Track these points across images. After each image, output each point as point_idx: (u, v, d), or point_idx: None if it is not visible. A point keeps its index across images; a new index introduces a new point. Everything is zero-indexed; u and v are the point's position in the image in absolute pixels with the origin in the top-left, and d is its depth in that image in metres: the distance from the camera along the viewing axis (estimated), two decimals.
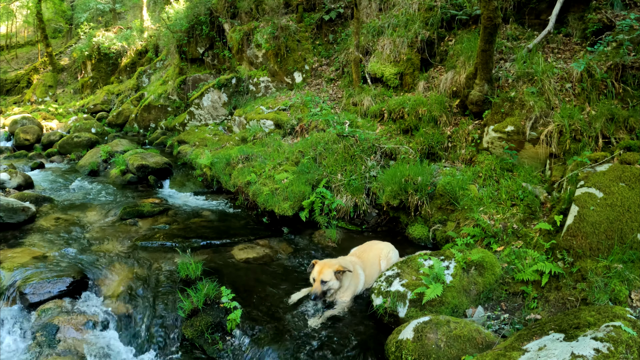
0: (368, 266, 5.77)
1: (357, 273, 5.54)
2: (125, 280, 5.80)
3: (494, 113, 7.72)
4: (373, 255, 5.98)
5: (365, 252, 6.03)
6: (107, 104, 20.99)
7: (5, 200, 7.60)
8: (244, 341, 4.65)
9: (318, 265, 5.25)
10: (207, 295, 5.12)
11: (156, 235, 7.34)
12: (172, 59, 18.67)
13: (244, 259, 6.63)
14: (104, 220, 8.17)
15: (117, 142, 14.07)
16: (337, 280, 5.15)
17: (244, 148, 10.72)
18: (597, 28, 8.10)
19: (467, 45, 9.29)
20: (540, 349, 3.19)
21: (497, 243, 6.09)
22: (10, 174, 10.38)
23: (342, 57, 12.73)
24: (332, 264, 5.22)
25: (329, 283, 5.09)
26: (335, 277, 5.13)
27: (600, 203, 5.13)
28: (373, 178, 8.18)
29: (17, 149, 15.70)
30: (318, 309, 5.21)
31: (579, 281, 4.80)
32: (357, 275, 5.53)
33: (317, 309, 5.20)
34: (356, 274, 5.52)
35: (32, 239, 7.11)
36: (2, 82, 27.24)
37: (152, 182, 11.21)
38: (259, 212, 8.60)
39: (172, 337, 4.85)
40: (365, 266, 5.74)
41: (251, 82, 14.47)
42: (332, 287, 5.15)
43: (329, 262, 5.31)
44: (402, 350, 4.04)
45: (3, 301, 5.33)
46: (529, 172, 7.08)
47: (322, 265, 5.21)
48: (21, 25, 37.29)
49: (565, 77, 7.51)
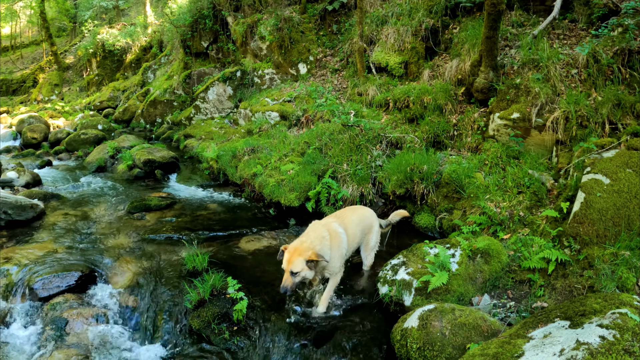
0: (350, 227, 5.31)
1: (336, 233, 5.05)
2: (133, 273, 5.85)
3: (500, 100, 7.66)
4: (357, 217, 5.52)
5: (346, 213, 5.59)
6: (113, 101, 21.02)
7: (13, 198, 7.65)
8: (250, 331, 4.67)
9: (287, 252, 4.62)
10: (213, 286, 5.15)
11: (163, 228, 7.38)
12: (177, 53, 18.66)
13: (251, 250, 6.65)
14: (111, 215, 8.21)
15: (124, 137, 14.13)
16: (310, 270, 4.58)
17: (249, 140, 10.73)
18: (602, 13, 8.00)
19: (471, 33, 9.22)
20: (545, 337, 3.18)
21: (504, 231, 6.07)
22: (19, 172, 10.45)
23: (346, 47, 12.67)
24: (304, 250, 4.56)
25: (301, 274, 4.51)
26: (307, 266, 4.53)
27: (606, 189, 5.09)
28: (379, 167, 8.16)
29: (25, 148, 15.80)
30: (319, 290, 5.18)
31: (585, 268, 4.77)
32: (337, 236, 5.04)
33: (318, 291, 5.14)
34: (336, 234, 5.03)
35: (41, 235, 7.16)
36: (9, 82, 27.39)
37: (159, 176, 11.25)
38: (265, 203, 8.62)
39: (179, 328, 4.89)
40: (347, 226, 5.27)
41: (256, 74, 14.44)
42: (305, 278, 4.61)
43: (300, 246, 4.62)
44: (407, 338, 4.04)
45: (13, 296, 5.39)
46: (535, 159, 7.03)
47: (292, 253, 4.56)
48: (25, 25, 37.40)
49: (571, 63, 7.44)
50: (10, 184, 9.90)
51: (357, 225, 5.46)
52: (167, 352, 4.63)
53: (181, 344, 4.71)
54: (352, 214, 5.58)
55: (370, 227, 5.73)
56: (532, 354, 3.02)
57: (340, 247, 5.03)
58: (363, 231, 5.59)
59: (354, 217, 5.50)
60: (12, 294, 5.43)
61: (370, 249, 5.80)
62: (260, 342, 4.54)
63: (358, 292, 5.42)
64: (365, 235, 5.69)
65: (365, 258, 5.85)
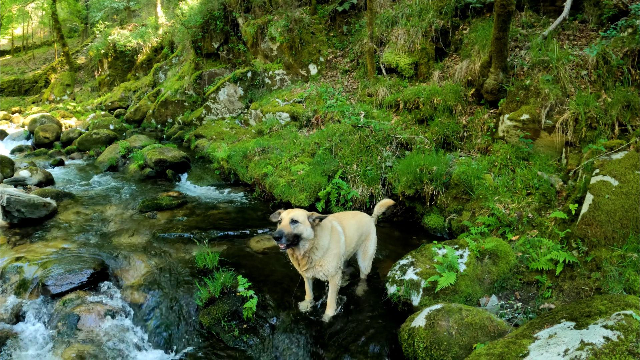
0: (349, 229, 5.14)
1: (336, 229, 4.89)
2: (144, 271, 5.93)
3: (509, 101, 7.67)
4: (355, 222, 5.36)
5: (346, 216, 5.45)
6: (124, 101, 21.21)
7: (26, 197, 7.78)
8: (260, 329, 4.73)
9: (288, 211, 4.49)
10: (223, 284, 5.21)
11: (174, 227, 7.47)
12: (188, 54, 18.81)
13: (261, 249, 6.71)
14: (123, 213, 8.31)
15: (135, 137, 14.27)
16: (310, 227, 4.38)
17: (260, 140, 10.80)
18: (612, 14, 7.99)
19: (481, 34, 9.23)
20: (550, 337, 3.20)
21: (512, 232, 6.08)
22: (31, 171, 10.61)
23: (356, 48, 12.72)
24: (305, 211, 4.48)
25: (299, 226, 4.31)
26: (309, 222, 4.37)
27: (615, 191, 5.09)
28: (389, 168, 8.20)
29: (37, 147, 15.99)
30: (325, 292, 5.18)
31: (593, 270, 4.78)
32: (336, 232, 4.87)
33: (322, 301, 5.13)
34: (335, 230, 4.87)
35: (53, 233, 7.28)
36: (21, 82, 27.74)
37: (170, 176, 11.35)
38: (276, 203, 8.68)
39: (189, 325, 4.95)
40: (345, 228, 5.08)
41: (266, 75, 14.52)
42: (302, 233, 4.35)
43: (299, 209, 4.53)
44: (414, 337, 4.08)
45: (26, 292, 5.49)
46: (544, 161, 7.04)
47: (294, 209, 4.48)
48: (37, 26, 37.84)
49: (580, 64, 7.43)
50: (23, 183, 10.04)
51: (356, 231, 5.30)
52: (177, 349, 4.70)
53: (191, 340, 4.77)
54: (352, 218, 5.45)
55: (368, 234, 5.56)
56: (536, 354, 3.05)
57: (338, 244, 4.83)
58: (360, 237, 5.41)
59: (353, 222, 5.35)
60: (25, 290, 5.53)
61: (368, 258, 5.58)
62: (269, 340, 4.59)
63: (366, 292, 5.45)
64: (363, 243, 5.52)
65: (363, 267, 5.62)
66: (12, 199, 7.51)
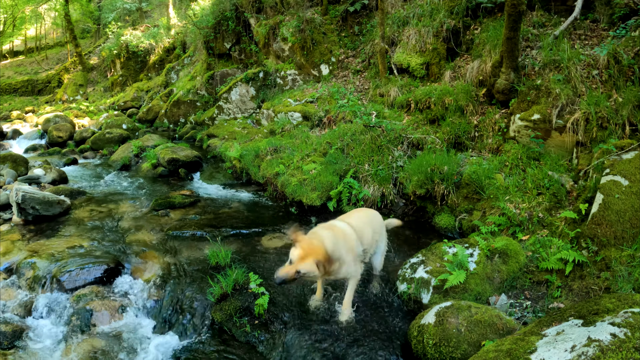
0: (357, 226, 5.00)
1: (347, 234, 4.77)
2: (157, 267, 6.03)
3: (520, 101, 7.68)
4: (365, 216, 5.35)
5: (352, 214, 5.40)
6: (137, 101, 21.37)
7: (41, 194, 7.92)
8: (271, 325, 4.80)
9: (301, 247, 4.23)
10: (236, 280, 5.29)
11: (187, 225, 7.56)
12: (200, 54, 18.91)
13: (272, 248, 6.78)
14: (136, 211, 8.42)
15: (148, 137, 14.40)
16: (318, 271, 4.22)
17: (272, 140, 10.87)
18: (624, 13, 7.94)
19: (492, 34, 9.23)
20: (558, 334, 3.24)
21: (523, 232, 6.10)
22: (45, 169, 10.77)
23: (367, 49, 12.75)
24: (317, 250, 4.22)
25: (306, 274, 4.21)
26: (317, 267, 4.19)
27: (625, 191, 5.10)
28: (400, 168, 8.23)
29: (51, 146, 16.19)
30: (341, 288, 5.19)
31: (602, 270, 4.80)
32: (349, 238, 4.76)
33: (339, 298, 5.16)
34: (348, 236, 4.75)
35: (67, 229, 7.41)
36: (34, 82, 28.07)
37: (182, 174, 11.47)
38: (287, 202, 8.74)
39: (202, 320, 5.04)
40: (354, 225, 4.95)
41: (278, 75, 14.60)
42: (308, 276, 4.29)
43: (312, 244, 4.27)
44: (423, 334, 4.13)
45: (41, 287, 5.61)
46: (555, 161, 7.04)
47: (307, 251, 4.19)
48: (50, 27, 38.29)
49: (592, 64, 7.42)
50: (37, 181, 10.20)
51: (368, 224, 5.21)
52: (189, 343, 4.78)
53: (203, 335, 4.86)
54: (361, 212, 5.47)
55: (381, 228, 5.53)
56: (544, 350, 3.09)
57: (352, 249, 4.76)
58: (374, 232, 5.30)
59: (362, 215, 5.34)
60: (39, 285, 5.66)
61: (380, 253, 5.58)
62: (280, 336, 4.66)
63: (376, 289, 5.49)
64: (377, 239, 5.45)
65: (376, 263, 5.60)
66: (27, 196, 7.65)
